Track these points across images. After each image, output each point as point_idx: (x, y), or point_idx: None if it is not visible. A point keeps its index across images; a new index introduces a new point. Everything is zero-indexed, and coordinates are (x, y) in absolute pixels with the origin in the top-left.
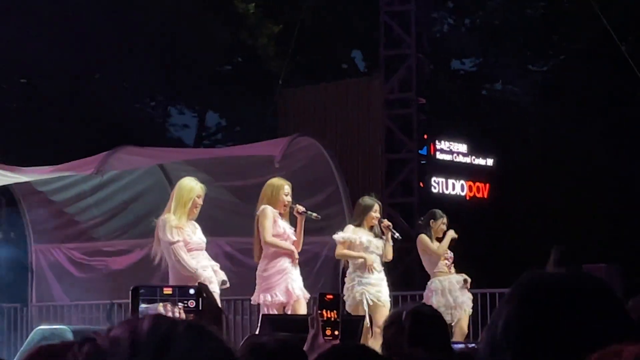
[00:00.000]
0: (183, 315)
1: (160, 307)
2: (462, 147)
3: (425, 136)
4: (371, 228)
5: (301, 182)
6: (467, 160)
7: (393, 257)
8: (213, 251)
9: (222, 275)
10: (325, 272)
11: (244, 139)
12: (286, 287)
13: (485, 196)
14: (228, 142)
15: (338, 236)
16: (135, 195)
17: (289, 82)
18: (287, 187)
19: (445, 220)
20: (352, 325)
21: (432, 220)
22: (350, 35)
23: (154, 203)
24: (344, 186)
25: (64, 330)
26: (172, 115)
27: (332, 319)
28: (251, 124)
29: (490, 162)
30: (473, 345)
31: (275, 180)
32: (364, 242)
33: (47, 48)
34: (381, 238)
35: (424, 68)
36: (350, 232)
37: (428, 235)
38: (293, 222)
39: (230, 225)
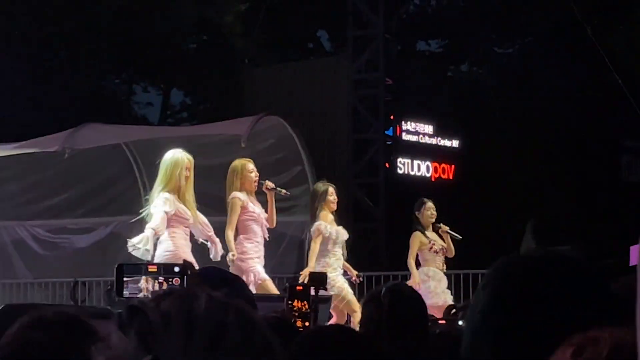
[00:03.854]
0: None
1: (142, 281)
2: (428, 128)
3: (392, 117)
4: (331, 212)
5: (267, 161)
6: (433, 141)
7: (357, 238)
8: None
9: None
10: (291, 252)
11: (208, 118)
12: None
13: (451, 177)
14: (193, 120)
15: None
16: (101, 174)
17: (255, 61)
18: (250, 165)
19: (429, 205)
20: (321, 304)
21: (417, 211)
22: (316, 15)
23: (119, 182)
24: (310, 166)
25: (32, 306)
26: (136, 92)
27: (303, 309)
28: (216, 103)
29: (455, 143)
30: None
31: (237, 162)
32: (333, 234)
33: (9, 24)
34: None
35: (391, 49)
36: (326, 226)
37: (420, 230)
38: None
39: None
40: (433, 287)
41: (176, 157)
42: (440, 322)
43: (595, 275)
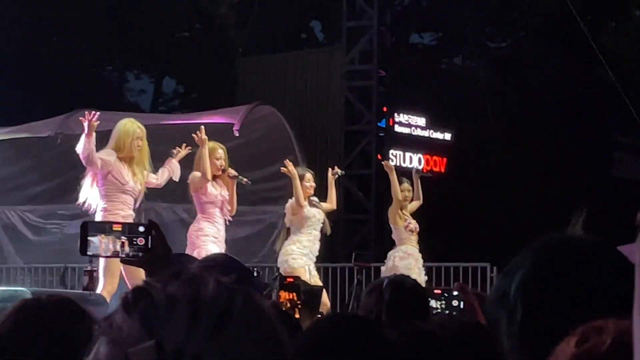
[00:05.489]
0: (127, 249)
1: (102, 238)
2: (421, 121)
3: (385, 109)
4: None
5: (259, 151)
6: (426, 133)
7: (348, 229)
8: (169, 218)
9: None
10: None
11: (201, 107)
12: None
13: (443, 170)
14: (185, 109)
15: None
16: None
17: (248, 50)
18: (219, 151)
19: (404, 186)
20: (314, 295)
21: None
22: (309, 6)
23: None
24: (302, 156)
25: (23, 292)
26: (129, 80)
27: (292, 300)
28: (208, 92)
29: (448, 136)
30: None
31: (210, 144)
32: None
33: (3, 10)
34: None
35: (385, 40)
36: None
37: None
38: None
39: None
40: (412, 265)
41: (127, 127)
42: (435, 291)
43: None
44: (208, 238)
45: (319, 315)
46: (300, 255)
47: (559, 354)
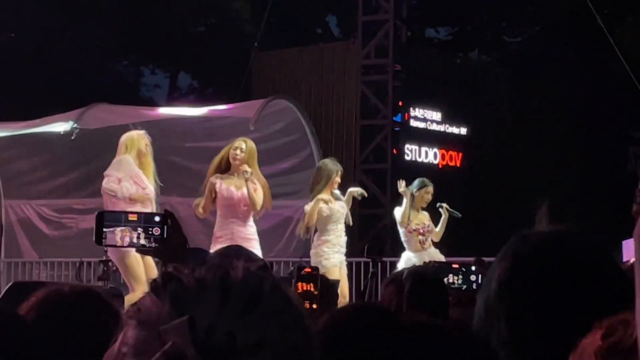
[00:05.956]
0: (143, 241)
1: (117, 231)
2: (436, 115)
3: (400, 103)
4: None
5: (275, 145)
6: (441, 128)
7: (363, 223)
8: (186, 213)
9: None
10: (297, 237)
11: (216, 101)
12: None
13: (458, 164)
14: (200, 103)
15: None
16: (108, 154)
17: (263, 45)
18: (237, 143)
19: (429, 189)
20: (331, 287)
21: (415, 189)
22: (325, 0)
23: None
24: (318, 151)
25: (41, 284)
26: (144, 75)
27: (310, 291)
28: (223, 86)
29: (463, 130)
30: None
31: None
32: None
33: (19, 4)
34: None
35: (401, 35)
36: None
37: (408, 206)
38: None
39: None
40: None
41: (138, 135)
42: (454, 266)
43: (613, 257)
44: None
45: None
46: (332, 253)
47: (585, 347)
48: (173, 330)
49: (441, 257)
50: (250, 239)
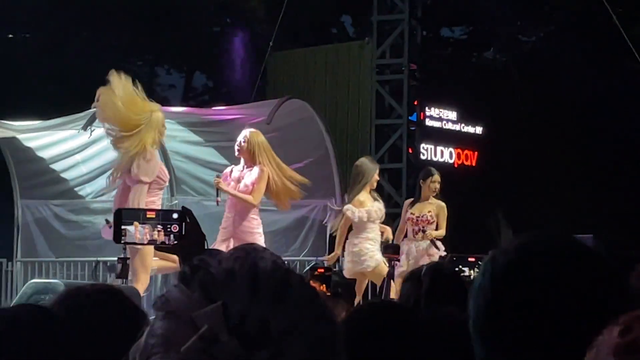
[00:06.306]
0: (162, 237)
1: (137, 226)
2: (452, 115)
3: (416, 102)
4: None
5: (290, 145)
6: (457, 127)
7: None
8: (201, 212)
9: None
10: (313, 236)
11: (230, 101)
12: None
13: (474, 164)
14: (215, 103)
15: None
16: None
17: (277, 45)
18: (242, 133)
19: (435, 177)
20: (347, 286)
21: (421, 180)
22: (339, 0)
23: None
24: (333, 150)
25: (57, 284)
26: (159, 75)
27: (323, 291)
28: (238, 86)
29: (479, 129)
30: None
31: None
32: (364, 217)
33: (34, 3)
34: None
35: (416, 34)
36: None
37: (416, 197)
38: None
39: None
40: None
41: (160, 117)
42: (469, 259)
43: (607, 260)
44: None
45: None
46: (375, 250)
47: (602, 344)
48: (207, 315)
49: (431, 250)
50: (251, 232)
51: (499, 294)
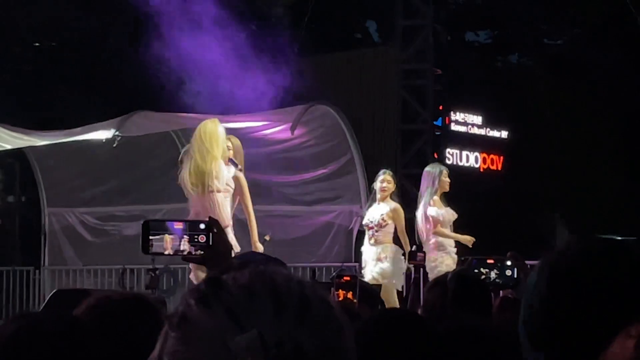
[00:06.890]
0: (188, 247)
1: (167, 237)
2: (477, 119)
3: (441, 107)
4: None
5: (315, 150)
6: (482, 132)
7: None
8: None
9: None
10: (339, 242)
11: (255, 107)
12: None
13: (499, 168)
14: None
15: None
16: (150, 161)
17: (302, 51)
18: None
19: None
20: (372, 293)
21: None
22: (365, 5)
23: (168, 169)
24: (359, 156)
25: (84, 292)
26: (185, 82)
27: (349, 299)
28: (263, 92)
29: (504, 134)
30: None
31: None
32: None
33: (60, 12)
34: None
35: (440, 39)
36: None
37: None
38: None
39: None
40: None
41: (218, 130)
42: (489, 261)
43: None
44: None
45: None
46: (446, 255)
47: (615, 356)
48: (245, 345)
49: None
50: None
51: (556, 296)
